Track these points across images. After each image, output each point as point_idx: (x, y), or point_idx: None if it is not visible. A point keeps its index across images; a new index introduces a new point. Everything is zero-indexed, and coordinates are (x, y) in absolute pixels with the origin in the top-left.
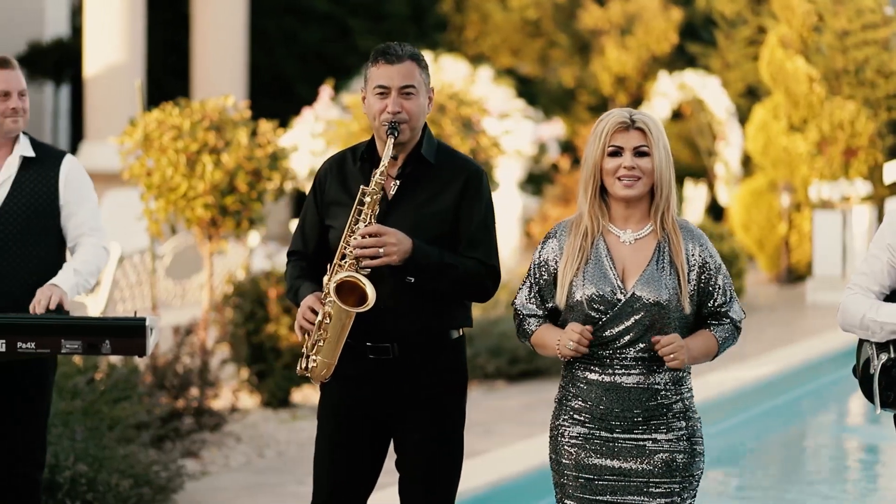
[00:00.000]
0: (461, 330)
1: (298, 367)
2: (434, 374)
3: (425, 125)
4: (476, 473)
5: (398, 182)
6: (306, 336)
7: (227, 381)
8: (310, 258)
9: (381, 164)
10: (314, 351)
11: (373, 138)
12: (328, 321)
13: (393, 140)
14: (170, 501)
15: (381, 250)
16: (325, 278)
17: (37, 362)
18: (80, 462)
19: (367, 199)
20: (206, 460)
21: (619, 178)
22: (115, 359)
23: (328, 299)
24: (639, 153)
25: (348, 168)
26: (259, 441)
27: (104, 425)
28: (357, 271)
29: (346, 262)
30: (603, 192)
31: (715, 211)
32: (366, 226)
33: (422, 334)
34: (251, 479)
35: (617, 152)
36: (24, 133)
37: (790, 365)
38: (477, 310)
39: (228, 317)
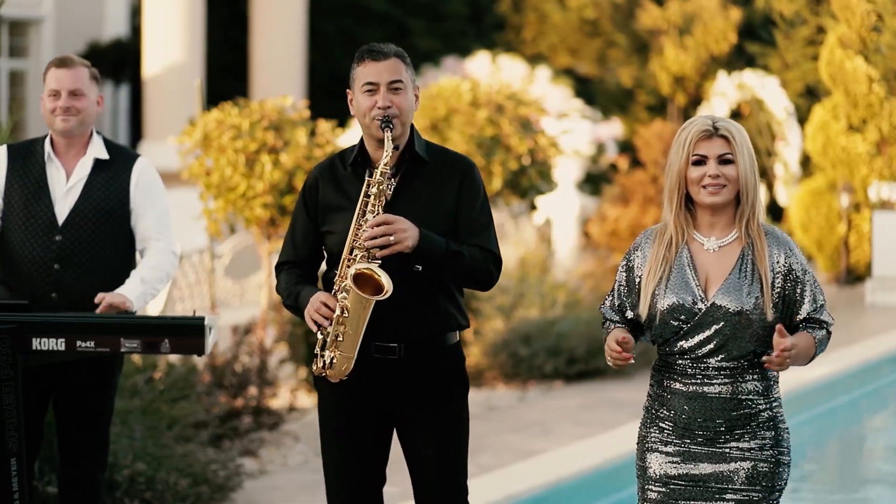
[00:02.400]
0: (458, 333)
1: (314, 368)
2: (437, 373)
3: (412, 124)
4: (533, 474)
5: (394, 180)
6: (320, 332)
7: (285, 381)
8: (303, 266)
9: (385, 154)
10: (333, 346)
11: (361, 142)
12: (346, 315)
13: (389, 133)
14: (228, 500)
15: (392, 238)
16: (337, 276)
17: (102, 362)
18: (138, 461)
19: (374, 190)
20: (264, 459)
21: (703, 187)
22: (173, 358)
23: (343, 294)
24: (723, 161)
25: (340, 173)
26: (317, 440)
27: (163, 424)
28: (370, 262)
29: (356, 256)
30: (688, 200)
31: (774, 211)
32: (374, 216)
33: (425, 336)
34: (309, 478)
35: (701, 161)
36: (99, 133)
37: (849, 366)
38: (535, 310)
39: (287, 316)
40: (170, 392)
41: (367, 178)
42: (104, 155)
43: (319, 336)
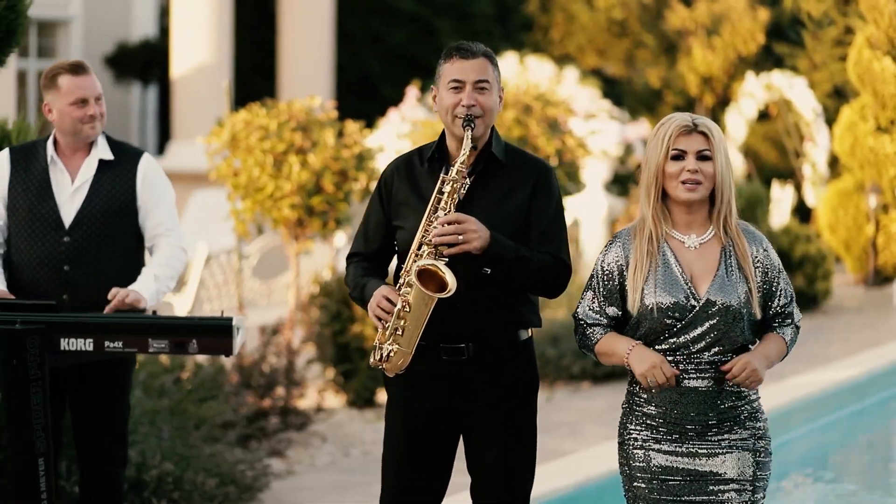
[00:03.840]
0: (530, 330)
1: (372, 359)
2: (506, 373)
3: (494, 126)
4: (562, 474)
5: (469, 180)
6: (381, 325)
7: (312, 381)
8: (372, 259)
9: (462, 152)
10: (392, 340)
11: (442, 138)
12: (407, 310)
13: (470, 132)
14: (256, 500)
15: (461, 237)
16: (403, 271)
17: (116, 360)
18: (166, 461)
19: (447, 188)
20: (291, 460)
21: (681, 182)
22: (201, 358)
23: (406, 288)
24: (701, 157)
25: (416, 169)
26: (344, 441)
27: (191, 424)
28: (436, 259)
29: (423, 251)
30: (663, 198)
31: (802, 212)
32: (445, 214)
33: (495, 334)
34: (336, 478)
35: (680, 156)
36: (102, 132)
37: (877, 367)
38: (563, 310)
39: (314, 317)
40: (197, 392)
41: (442, 175)
42: (108, 155)
43: (380, 329)
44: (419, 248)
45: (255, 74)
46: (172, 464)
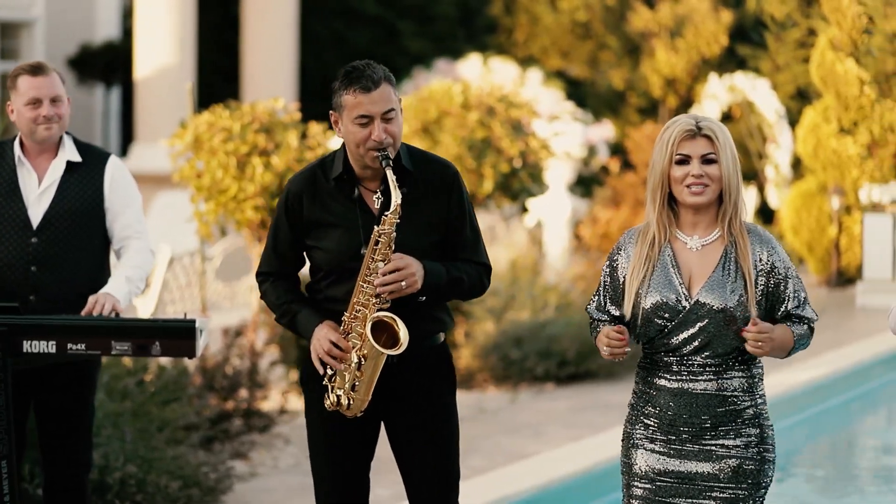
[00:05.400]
0: (443, 334)
1: (327, 403)
2: (425, 375)
3: None
4: (525, 476)
5: (382, 198)
6: (326, 370)
7: (276, 383)
8: (285, 277)
9: (394, 202)
10: (351, 390)
11: (343, 156)
12: (363, 362)
13: (391, 169)
14: (219, 502)
15: (404, 283)
16: (346, 314)
17: (81, 362)
18: (129, 463)
19: (382, 240)
20: (254, 462)
21: (687, 186)
22: (164, 360)
23: (356, 340)
24: (706, 160)
25: (323, 187)
26: (307, 443)
27: (154, 427)
28: (381, 308)
29: (368, 301)
30: (671, 200)
31: (765, 214)
32: (385, 263)
33: (416, 343)
34: (300, 480)
35: (684, 160)
36: (68, 134)
37: (840, 368)
38: (526, 312)
39: None
40: (160, 394)
41: (376, 227)
42: (76, 157)
43: (328, 372)
44: (360, 294)
45: (218, 76)
46: (135, 466)
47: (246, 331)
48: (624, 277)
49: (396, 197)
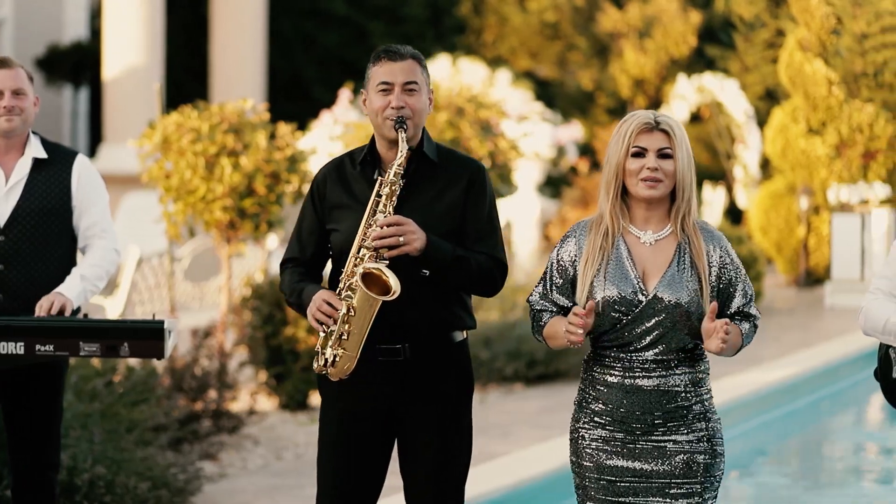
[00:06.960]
0: (465, 332)
1: (316, 365)
2: (442, 375)
3: (424, 127)
4: (494, 476)
5: (403, 181)
6: (322, 329)
7: (245, 384)
8: (307, 265)
9: (400, 154)
10: (337, 344)
11: (373, 141)
12: (352, 314)
13: (403, 133)
14: None
15: (402, 238)
16: (343, 274)
17: (50, 363)
18: (98, 464)
19: (385, 191)
20: (223, 463)
21: (642, 180)
22: (133, 361)
23: (349, 292)
24: (662, 155)
25: (348, 172)
26: (277, 443)
27: (122, 427)
28: (378, 262)
29: (364, 255)
30: (623, 193)
31: (733, 214)
32: (385, 216)
33: (430, 334)
34: (269, 481)
35: (640, 153)
36: (35, 133)
37: (808, 368)
38: (495, 312)
39: (246, 319)
40: (129, 395)
41: (379, 178)
42: (42, 154)
43: (321, 334)
44: (359, 251)
45: (186, 77)
46: (104, 467)
47: (215, 331)
48: (573, 268)
49: (403, 147)
